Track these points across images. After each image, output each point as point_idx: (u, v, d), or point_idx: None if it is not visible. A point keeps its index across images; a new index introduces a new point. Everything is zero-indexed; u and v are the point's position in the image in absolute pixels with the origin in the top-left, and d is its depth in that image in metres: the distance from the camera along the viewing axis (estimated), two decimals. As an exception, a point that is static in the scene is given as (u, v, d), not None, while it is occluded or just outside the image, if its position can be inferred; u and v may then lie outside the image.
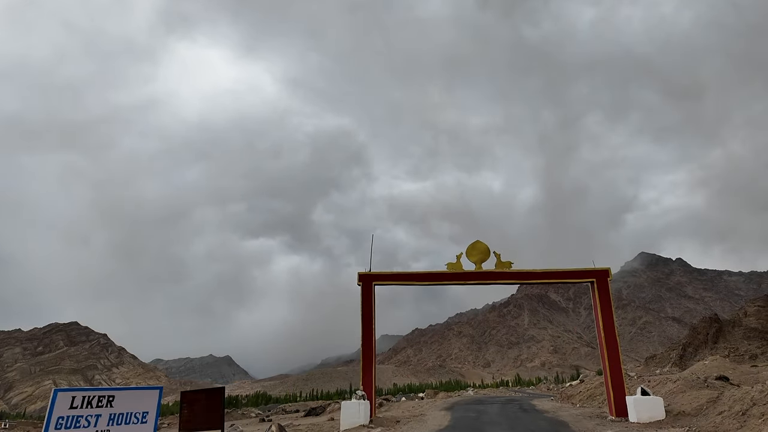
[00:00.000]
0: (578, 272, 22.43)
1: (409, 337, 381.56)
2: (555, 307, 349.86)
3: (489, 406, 30.73)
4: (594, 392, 30.31)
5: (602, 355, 21.58)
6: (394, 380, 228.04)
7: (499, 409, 27.51)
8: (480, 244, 23.36)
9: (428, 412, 25.86)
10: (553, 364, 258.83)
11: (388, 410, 33.56)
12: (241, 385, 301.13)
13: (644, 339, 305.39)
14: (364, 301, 22.89)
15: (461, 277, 22.69)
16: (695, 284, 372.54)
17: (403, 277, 23.21)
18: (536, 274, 22.29)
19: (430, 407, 29.15)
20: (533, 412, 25.36)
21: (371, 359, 22.06)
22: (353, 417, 19.42)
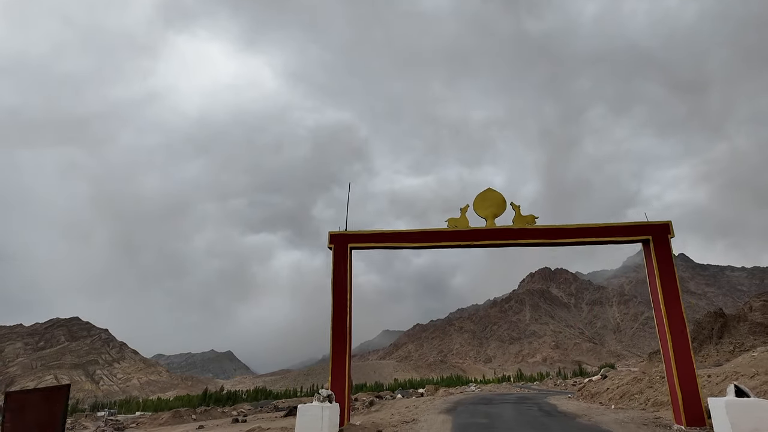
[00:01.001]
0: (627, 228, 16.20)
1: (410, 333, 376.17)
2: (557, 303, 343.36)
3: (499, 406, 24.58)
4: (628, 389, 24.14)
5: (663, 339, 15.38)
6: (395, 375, 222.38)
7: (514, 411, 21.37)
8: (492, 192, 17.13)
9: (423, 415, 19.74)
10: (555, 360, 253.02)
11: (378, 410, 27.60)
12: (242, 380, 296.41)
13: (646, 334, 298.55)
14: (336, 269, 16.71)
15: (467, 237, 16.48)
16: (698, 280, 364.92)
17: (388, 237, 16.97)
18: (570, 232, 16.05)
19: (427, 408, 23.03)
20: (560, 417, 19.19)
21: (344, 347, 15.93)
22: (312, 425, 13.30)
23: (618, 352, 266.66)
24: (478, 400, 30.85)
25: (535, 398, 32.78)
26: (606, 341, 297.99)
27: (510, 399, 31.59)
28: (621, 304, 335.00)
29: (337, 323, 16.26)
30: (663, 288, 15.41)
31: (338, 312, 16.32)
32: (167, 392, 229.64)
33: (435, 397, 31.09)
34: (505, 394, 39.01)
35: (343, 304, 16.38)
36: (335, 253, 16.99)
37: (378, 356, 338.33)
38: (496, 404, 26.56)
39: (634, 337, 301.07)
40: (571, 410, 21.67)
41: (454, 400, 29.12)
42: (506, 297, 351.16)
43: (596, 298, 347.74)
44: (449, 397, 32.78)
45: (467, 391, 46.88)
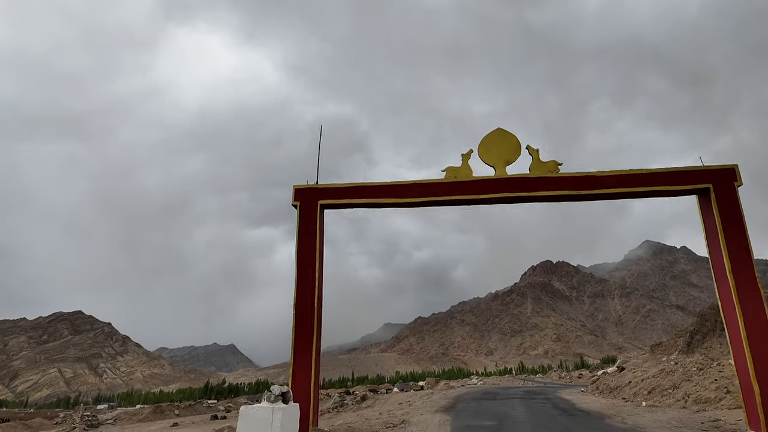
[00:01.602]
0: (679, 175, 12.27)
1: (412, 326, 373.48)
2: (558, 296, 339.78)
3: (507, 403, 20.81)
4: (657, 383, 20.29)
5: (729, 316, 11.49)
6: (397, 368, 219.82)
7: (525, 410, 17.59)
8: (503, 133, 13.19)
9: (416, 415, 15.99)
10: (557, 353, 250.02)
11: (370, 406, 23.92)
12: (244, 373, 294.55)
13: (648, 327, 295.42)
14: (303, 233, 12.83)
15: (470, 189, 12.57)
16: (700, 272, 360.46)
17: (370, 191, 13.02)
18: (605, 180, 12.10)
19: (423, 405, 19.29)
20: (583, 417, 15.40)
21: (310, 334, 12.08)
22: (260, 431, 9.51)
23: (619, 345, 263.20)
24: (482, 394, 27.17)
25: (545, 392, 29.14)
26: (607, 334, 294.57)
27: (517, 394, 27.87)
28: (623, 297, 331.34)
29: (302, 302, 12.42)
30: (729, 250, 11.53)
31: (303, 288, 12.48)
32: (170, 385, 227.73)
33: (434, 392, 27.43)
34: (509, 388, 35.31)
35: (309, 277, 12.53)
36: (301, 212, 13.10)
37: (380, 349, 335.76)
38: (502, 400, 22.83)
39: (635, 329, 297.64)
40: (594, 408, 17.85)
41: (454, 395, 25.49)
42: (508, 290, 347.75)
43: (598, 291, 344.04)
44: (449, 391, 29.09)
45: (469, 384, 43.25)
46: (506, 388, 34.50)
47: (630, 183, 12.20)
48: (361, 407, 23.43)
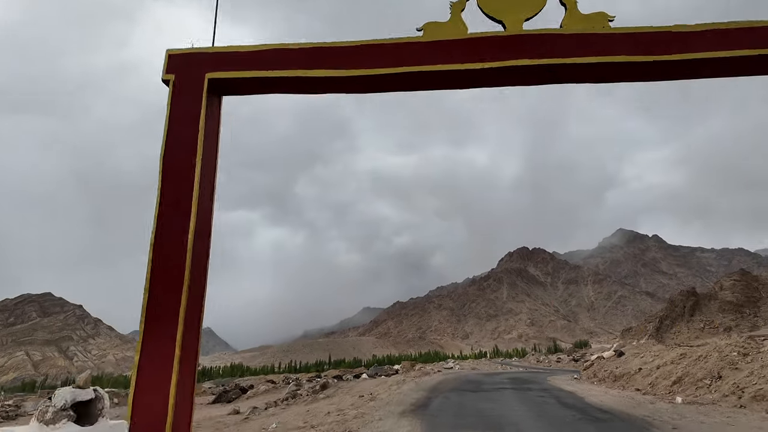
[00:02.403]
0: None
1: (390, 310, 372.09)
2: (533, 281, 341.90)
3: (497, 397, 15.85)
4: (686, 372, 15.62)
5: None
6: (374, 352, 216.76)
7: (527, 411, 12.54)
8: (517, -35, 7.75)
9: (372, 422, 10.71)
10: (530, 337, 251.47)
11: (327, 397, 18.88)
12: (221, 356, 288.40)
13: (619, 313, 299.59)
14: (174, 118, 7.14)
15: (465, 52, 7.07)
16: (669, 260, 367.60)
17: (293, 58, 7.42)
18: (693, 40, 6.84)
19: (387, 402, 14.08)
20: (620, 426, 10.39)
21: (177, 290, 6.40)
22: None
23: (591, 330, 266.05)
24: (462, 383, 22.37)
25: (534, 380, 25.01)
26: (580, 319, 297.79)
27: (504, 382, 23.20)
28: (595, 284, 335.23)
29: (168, 240, 6.74)
30: None
31: (170, 213, 6.82)
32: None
33: (406, 379, 22.34)
34: (492, 375, 30.78)
35: (182, 195, 6.85)
36: (176, 90, 7.38)
37: (358, 333, 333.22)
38: (489, 392, 18.07)
39: (607, 315, 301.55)
40: (615, 406, 13.04)
41: (429, 385, 20.57)
42: (485, 275, 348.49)
43: (572, 278, 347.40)
44: (424, 379, 24.70)
45: (446, 369, 38.63)
46: (489, 375, 30.04)
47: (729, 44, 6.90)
48: (317, 399, 18.42)
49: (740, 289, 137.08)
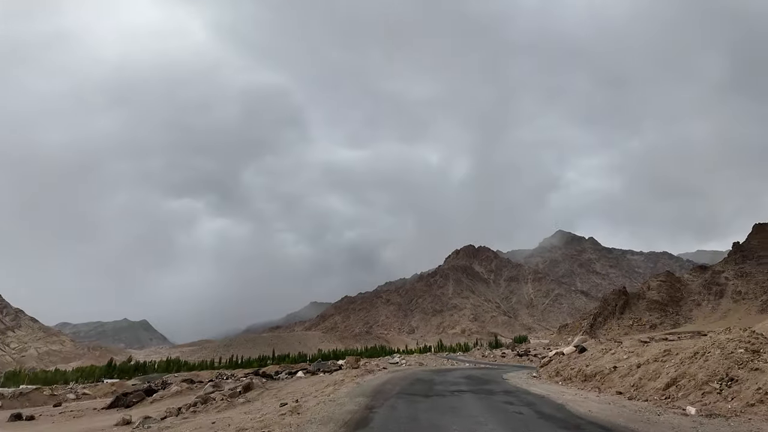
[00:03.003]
0: None
1: (338, 305, 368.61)
2: (478, 278, 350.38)
3: (456, 405, 13.13)
4: (682, 373, 12.93)
5: None
6: (320, 346, 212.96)
7: (494, 420, 10.34)
8: None
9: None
10: (473, 332, 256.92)
11: (248, 402, 16.04)
12: (158, 350, 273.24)
13: (556, 310, 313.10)
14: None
15: None
16: (603, 261, 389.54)
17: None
18: None
19: (313, 417, 10.95)
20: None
21: None
22: None
23: (529, 325, 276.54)
24: (411, 384, 19.91)
25: (491, 378, 22.95)
26: (519, 315, 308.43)
27: (458, 382, 20.49)
28: (535, 282, 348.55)
29: None
30: None
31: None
32: (70, 363, 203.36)
33: (345, 378, 20.01)
34: (443, 372, 28.82)
35: None
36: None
37: (304, 327, 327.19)
38: (447, 397, 15.13)
39: (544, 312, 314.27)
40: (617, 420, 10.33)
41: (372, 386, 18.42)
42: (432, 272, 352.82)
43: (513, 275, 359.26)
44: (366, 378, 21.73)
45: (391, 364, 36.48)
46: (439, 372, 28.01)
47: None
48: (233, 405, 15.51)
49: (665, 290, 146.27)
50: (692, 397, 11.55)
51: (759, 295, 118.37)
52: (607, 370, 16.80)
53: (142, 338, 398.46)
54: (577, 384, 17.87)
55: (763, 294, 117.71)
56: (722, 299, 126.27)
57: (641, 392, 13.56)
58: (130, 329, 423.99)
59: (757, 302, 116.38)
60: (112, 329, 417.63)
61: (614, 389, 15.02)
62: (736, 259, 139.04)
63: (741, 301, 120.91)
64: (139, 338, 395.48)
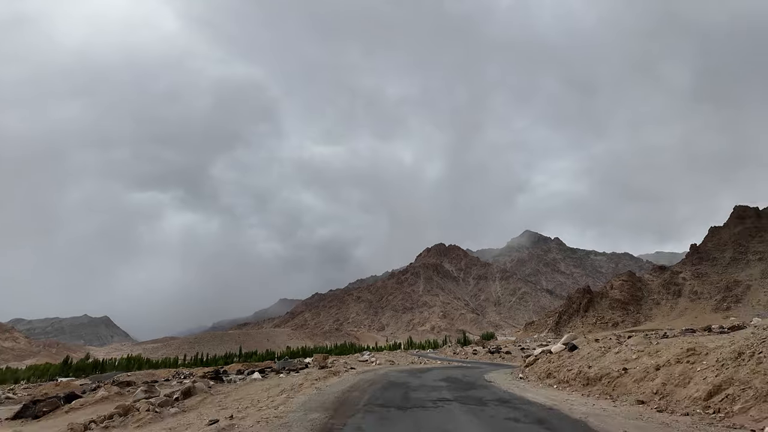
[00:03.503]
0: None
1: (309, 301, 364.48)
2: (448, 276, 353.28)
3: (438, 418, 11.04)
4: (727, 379, 10.51)
5: None
6: (289, 343, 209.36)
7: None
8: None
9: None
10: (442, 329, 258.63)
11: (181, 412, 14.08)
12: (119, 347, 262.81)
13: (522, 308, 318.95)
14: None
15: None
16: (567, 261, 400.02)
17: None
18: None
19: None
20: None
21: None
22: None
23: (497, 323, 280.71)
24: (384, 390, 16.66)
25: (472, 380, 20.67)
26: (487, 313, 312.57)
27: (438, 386, 17.95)
28: (503, 280, 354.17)
29: None
30: None
31: None
32: (24, 361, 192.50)
33: (306, 382, 18.07)
34: (418, 373, 25.18)
35: None
36: None
37: (273, 324, 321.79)
38: (427, 407, 12.60)
39: (511, 309, 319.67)
40: None
41: (335, 394, 15.49)
42: (404, 269, 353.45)
43: (482, 274, 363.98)
44: (330, 382, 18.94)
45: (360, 362, 34.93)
46: (413, 373, 24.46)
47: None
48: (160, 417, 13.26)
49: (627, 289, 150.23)
50: (756, 413, 9.05)
51: (713, 295, 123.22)
52: (615, 373, 14.31)
53: (103, 335, 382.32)
54: (577, 389, 15.39)
55: (717, 294, 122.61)
56: (680, 298, 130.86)
57: (672, 402, 11.10)
58: (90, 326, 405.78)
59: (712, 301, 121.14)
60: (71, 326, 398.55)
61: (632, 397, 12.54)
62: (693, 261, 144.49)
63: (697, 301, 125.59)
64: (99, 335, 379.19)
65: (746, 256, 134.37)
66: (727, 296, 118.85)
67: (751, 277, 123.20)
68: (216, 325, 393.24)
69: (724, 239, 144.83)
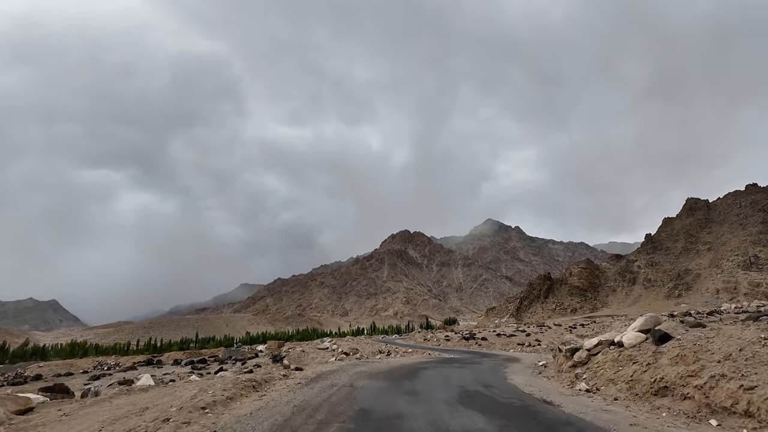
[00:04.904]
0: None
1: (271, 287, 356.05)
2: (412, 263, 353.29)
3: None
4: None
5: None
6: (249, 329, 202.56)
7: None
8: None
9: None
10: (405, 314, 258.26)
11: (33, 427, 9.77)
12: (68, 332, 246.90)
13: (482, 294, 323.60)
14: None
15: None
16: (527, 249, 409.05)
17: None
18: None
19: None
20: None
21: None
22: None
23: (458, 308, 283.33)
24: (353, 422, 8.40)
25: (493, 384, 13.40)
26: (449, 298, 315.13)
27: (456, 412, 9.20)
28: (465, 267, 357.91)
29: None
30: None
31: None
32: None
33: (217, 399, 9.81)
34: (404, 379, 15.16)
35: None
36: None
37: (233, 309, 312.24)
38: None
39: (472, 295, 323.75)
40: None
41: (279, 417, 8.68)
42: (368, 255, 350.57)
43: (445, 260, 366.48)
44: (241, 408, 9.73)
45: (320, 350, 30.46)
46: (400, 382, 14.19)
47: None
48: None
49: (585, 276, 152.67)
50: None
51: (666, 283, 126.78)
52: None
53: (50, 320, 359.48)
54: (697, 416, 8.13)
55: (669, 281, 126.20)
56: (635, 286, 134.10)
57: None
58: (36, 310, 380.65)
59: (664, 289, 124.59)
60: (14, 310, 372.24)
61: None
62: (647, 250, 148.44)
63: (651, 288, 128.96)
64: (47, 320, 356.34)
65: (696, 246, 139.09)
66: (679, 284, 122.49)
67: (701, 266, 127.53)
68: (173, 309, 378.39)
69: (676, 230, 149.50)
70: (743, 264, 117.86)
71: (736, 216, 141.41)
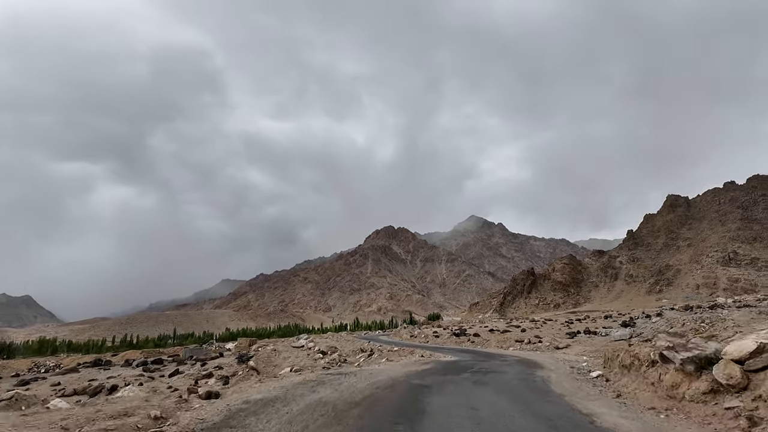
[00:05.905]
0: None
1: (253, 282, 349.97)
2: (396, 258, 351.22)
3: None
4: None
5: None
6: (230, 325, 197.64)
7: None
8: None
9: None
10: (388, 310, 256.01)
11: None
12: (42, 329, 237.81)
13: (465, 289, 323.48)
14: None
15: None
16: (509, 246, 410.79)
17: None
18: None
19: None
20: None
21: None
22: None
23: (441, 304, 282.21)
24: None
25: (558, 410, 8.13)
26: (432, 294, 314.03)
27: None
28: (448, 263, 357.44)
29: None
30: None
31: None
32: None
33: None
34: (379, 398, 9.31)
35: None
36: None
37: (214, 305, 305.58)
38: None
39: (455, 291, 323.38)
40: None
41: None
42: (352, 251, 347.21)
43: (429, 256, 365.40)
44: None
45: (295, 348, 26.72)
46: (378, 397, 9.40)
47: None
48: None
49: (568, 272, 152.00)
50: None
51: (647, 278, 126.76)
52: None
53: (24, 316, 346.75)
54: None
55: (650, 277, 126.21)
56: (617, 281, 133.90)
57: None
58: (8, 306, 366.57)
59: (646, 284, 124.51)
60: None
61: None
62: (629, 246, 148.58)
63: (632, 283, 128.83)
64: (20, 316, 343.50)
65: (677, 242, 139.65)
66: (660, 279, 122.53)
67: (681, 262, 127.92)
68: (153, 305, 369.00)
69: (657, 226, 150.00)
70: (722, 260, 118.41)
71: (716, 213, 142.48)
